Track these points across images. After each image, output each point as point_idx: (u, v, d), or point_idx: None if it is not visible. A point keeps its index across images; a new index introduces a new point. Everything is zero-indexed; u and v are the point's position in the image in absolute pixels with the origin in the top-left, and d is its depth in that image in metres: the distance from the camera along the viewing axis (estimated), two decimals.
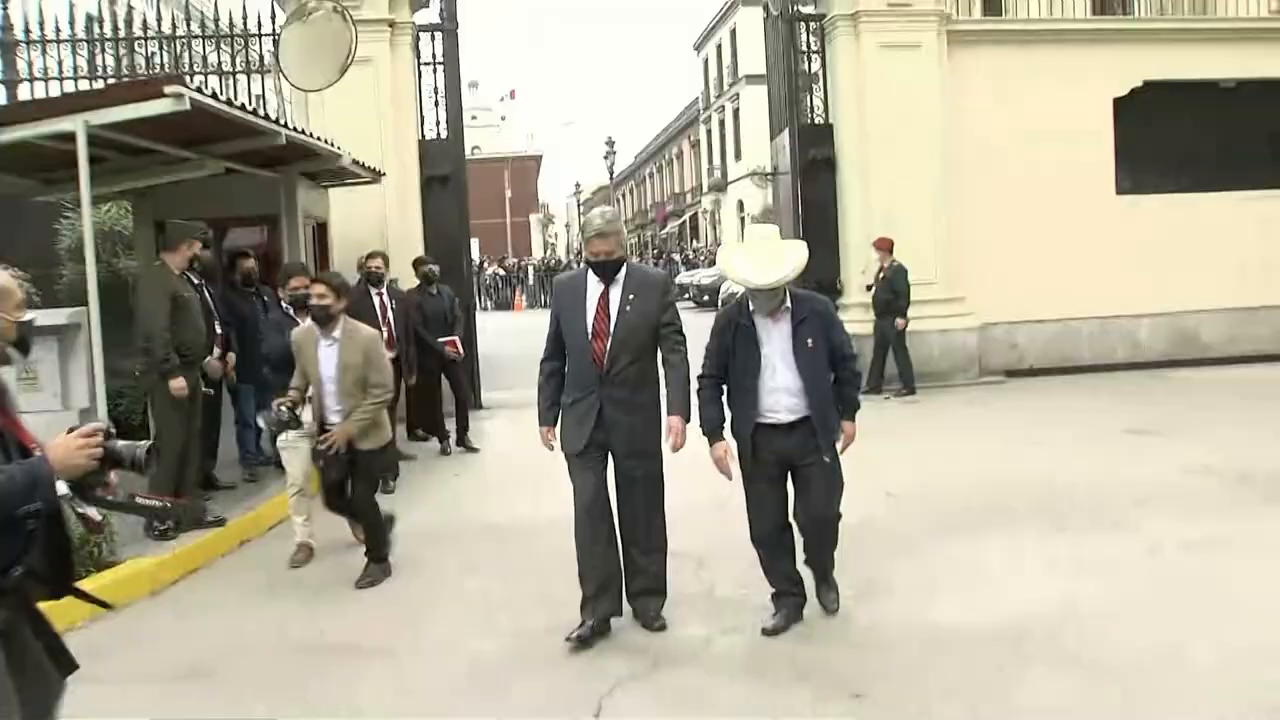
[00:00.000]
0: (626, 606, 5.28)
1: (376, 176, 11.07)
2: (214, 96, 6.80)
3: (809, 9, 13.68)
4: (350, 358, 6.05)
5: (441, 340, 9.87)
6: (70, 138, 6.64)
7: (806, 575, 5.29)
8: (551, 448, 5.27)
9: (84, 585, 5.68)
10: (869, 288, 12.58)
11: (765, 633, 5.03)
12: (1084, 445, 9.19)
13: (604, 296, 5.12)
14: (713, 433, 5.11)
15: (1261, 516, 6.75)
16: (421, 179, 12.50)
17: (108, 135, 6.78)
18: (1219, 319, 13.50)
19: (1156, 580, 5.64)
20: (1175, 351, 13.52)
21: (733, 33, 48.91)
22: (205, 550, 6.75)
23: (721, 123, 52.38)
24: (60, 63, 11.89)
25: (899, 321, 12.05)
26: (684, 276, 32.50)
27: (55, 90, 12.18)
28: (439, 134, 12.84)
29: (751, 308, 5.02)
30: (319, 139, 8.89)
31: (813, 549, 5.24)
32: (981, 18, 14.50)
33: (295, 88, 9.65)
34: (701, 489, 5.78)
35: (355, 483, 6.20)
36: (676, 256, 41.69)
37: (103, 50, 12.26)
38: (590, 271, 5.18)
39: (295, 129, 8.14)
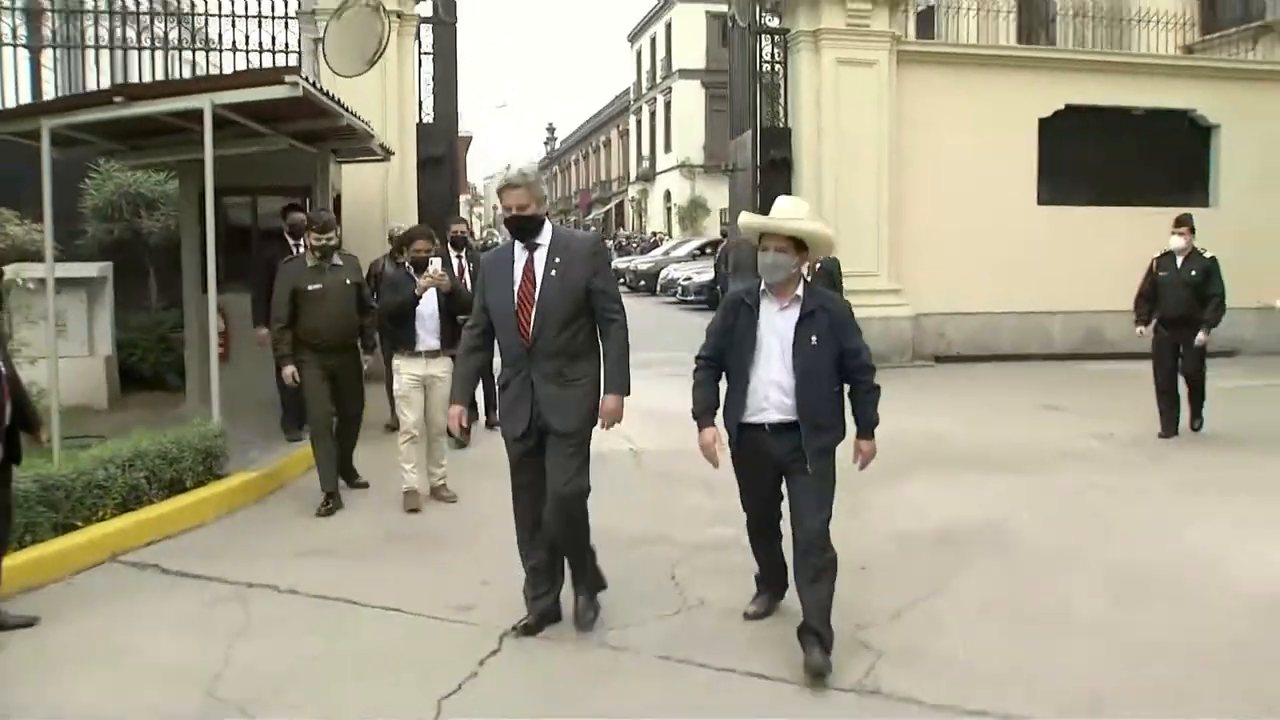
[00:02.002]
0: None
1: (388, 155, 12.18)
2: (312, 85, 7.93)
3: (773, 23, 15.12)
4: None
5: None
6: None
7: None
8: (460, 428, 5.17)
9: (202, 494, 6.95)
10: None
11: (747, 617, 5.08)
12: (1008, 417, 10.85)
13: (529, 262, 4.80)
14: (700, 417, 4.81)
15: (1147, 471, 8.48)
16: (418, 159, 13.59)
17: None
18: (1123, 319, 14.93)
19: (1064, 510, 7.29)
20: (1084, 346, 15.29)
21: (668, 27, 50.18)
22: (290, 467, 7.94)
23: (653, 114, 53.62)
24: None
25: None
26: (620, 262, 33.71)
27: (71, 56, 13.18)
28: (435, 118, 13.99)
29: (762, 286, 4.70)
30: (363, 120, 10.03)
31: (804, 580, 4.63)
32: (927, 40, 16.05)
33: (336, 74, 10.69)
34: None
35: None
36: (610, 242, 42.86)
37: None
38: (516, 241, 4.87)
39: (354, 114, 9.27)
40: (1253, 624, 5.14)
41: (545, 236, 4.83)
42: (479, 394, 9.71)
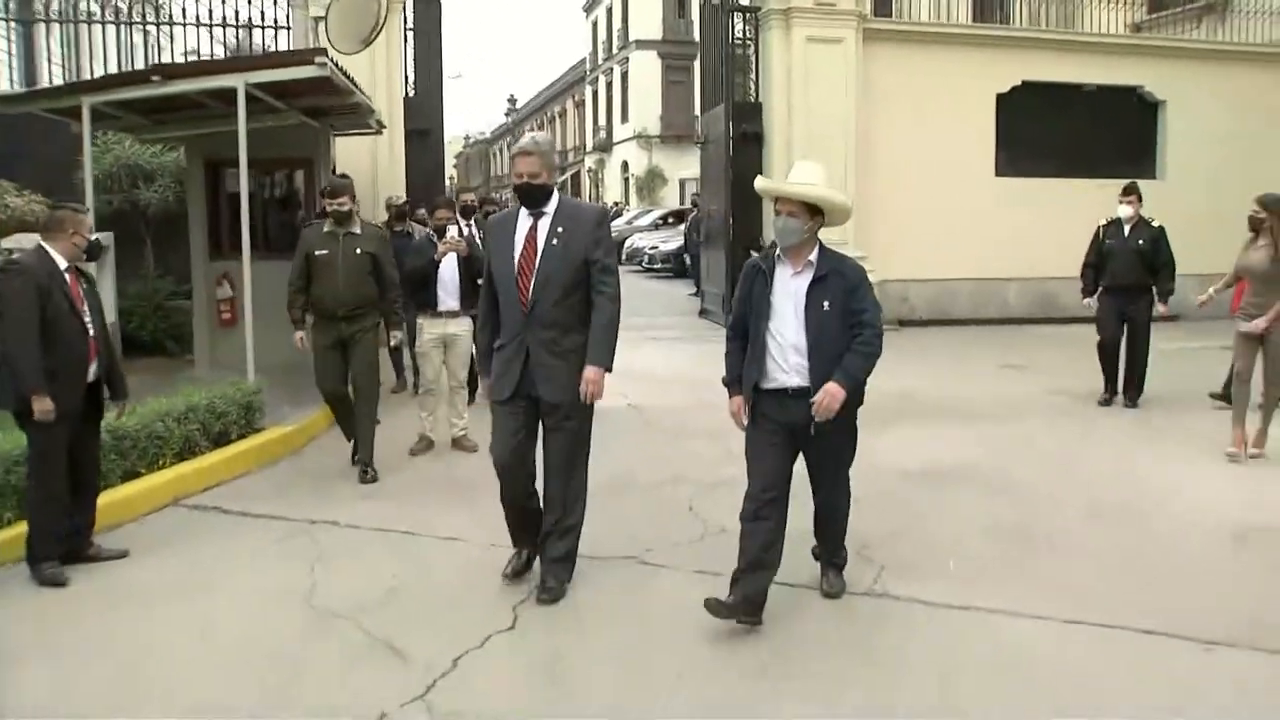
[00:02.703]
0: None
1: (381, 129, 12.70)
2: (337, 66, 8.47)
3: (745, 1, 15.75)
4: None
5: None
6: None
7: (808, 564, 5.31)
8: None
9: (245, 445, 7.50)
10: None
11: (707, 605, 4.63)
12: (973, 375, 11.72)
13: (533, 230, 4.88)
14: (730, 384, 4.88)
15: (1103, 423, 9.35)
16: (406, 132, 14.09)
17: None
18: (1074, 285, 16.00)
19: (1030, 453, 8.12)
20: (1037, 311, 16.17)
21: None
22: (319, 422, 8.53)
23: (609, 85, 53.87)
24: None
25: None
26: None
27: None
28: (420, 92, 14.47)
29: (777, 251, 4.70)
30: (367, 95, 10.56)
31: (820, 531, 5.15)
32: (890, 19, 16.74)
33: (338, 51, 11.18)
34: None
35: None
36: None
37: None
38: (522, 207, 4.95)
39: (363, 92, 9.80)
40: (1205, 545, 5.95)
41: (551, 206, 4.92)
42: None
